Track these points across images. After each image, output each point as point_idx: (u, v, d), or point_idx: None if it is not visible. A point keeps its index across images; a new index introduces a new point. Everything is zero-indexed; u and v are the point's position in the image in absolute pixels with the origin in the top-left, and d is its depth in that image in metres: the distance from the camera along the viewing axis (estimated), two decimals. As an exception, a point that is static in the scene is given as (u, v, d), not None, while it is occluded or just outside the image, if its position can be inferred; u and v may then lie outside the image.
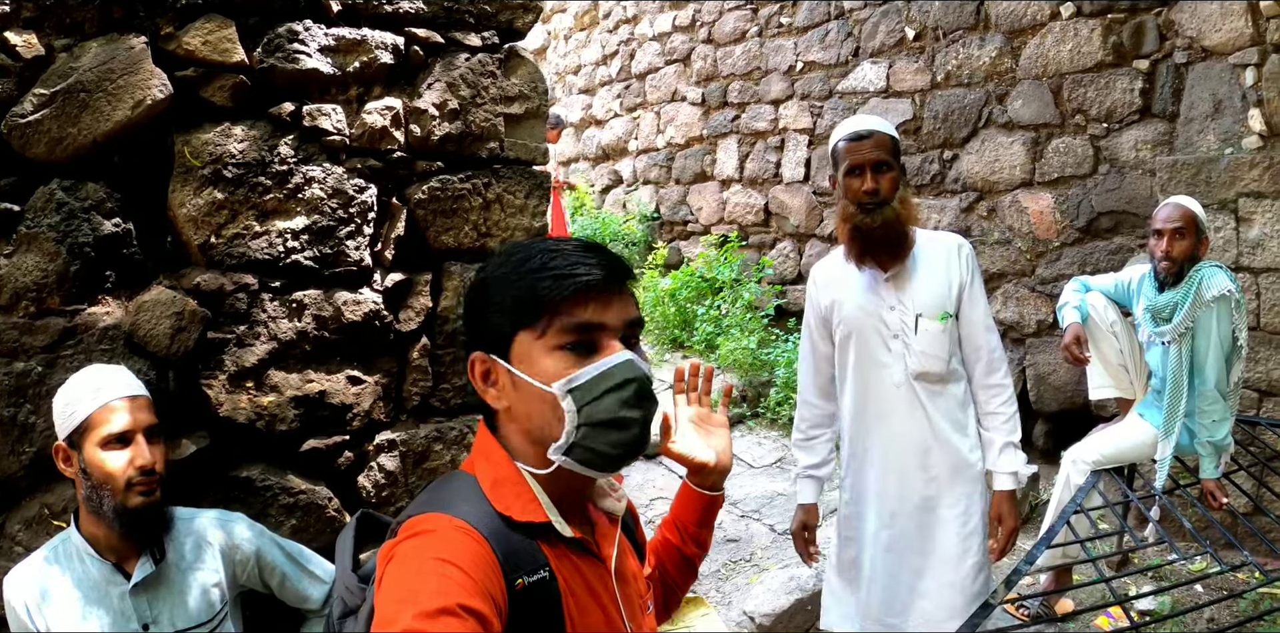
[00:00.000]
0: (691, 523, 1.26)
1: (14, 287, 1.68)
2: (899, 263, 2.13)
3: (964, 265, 2.15)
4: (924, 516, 2.18)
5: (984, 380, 2.18)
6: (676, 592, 1.30)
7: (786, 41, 6.03)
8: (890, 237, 2.08)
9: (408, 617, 0.78)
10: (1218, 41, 3.69)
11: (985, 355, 2.16)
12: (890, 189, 2.04)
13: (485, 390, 1.00)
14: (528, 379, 0.95)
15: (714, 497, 1.25)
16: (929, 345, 2.11)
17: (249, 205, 1.86)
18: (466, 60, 2.13)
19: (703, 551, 1.28)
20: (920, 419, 2.15)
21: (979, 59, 4.70)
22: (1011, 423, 2.16)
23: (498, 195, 2.20)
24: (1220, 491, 2.98)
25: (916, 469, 2.17)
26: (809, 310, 2.32)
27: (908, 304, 2.13)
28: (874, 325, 2.16)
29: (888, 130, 2.09)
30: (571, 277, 0.94)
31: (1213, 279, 2.83)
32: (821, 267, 2.33)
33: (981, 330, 2.16)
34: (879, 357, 2.17)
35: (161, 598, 1.56)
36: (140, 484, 1.50)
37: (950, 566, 2.16)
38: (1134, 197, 4.10)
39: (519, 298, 0.95)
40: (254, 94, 1.87)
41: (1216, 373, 2.89)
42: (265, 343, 1.90)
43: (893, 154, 2.07)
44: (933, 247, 2.16)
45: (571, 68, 8.84)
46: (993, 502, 2.20)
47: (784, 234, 6.26)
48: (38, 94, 1.67)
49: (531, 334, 0.95)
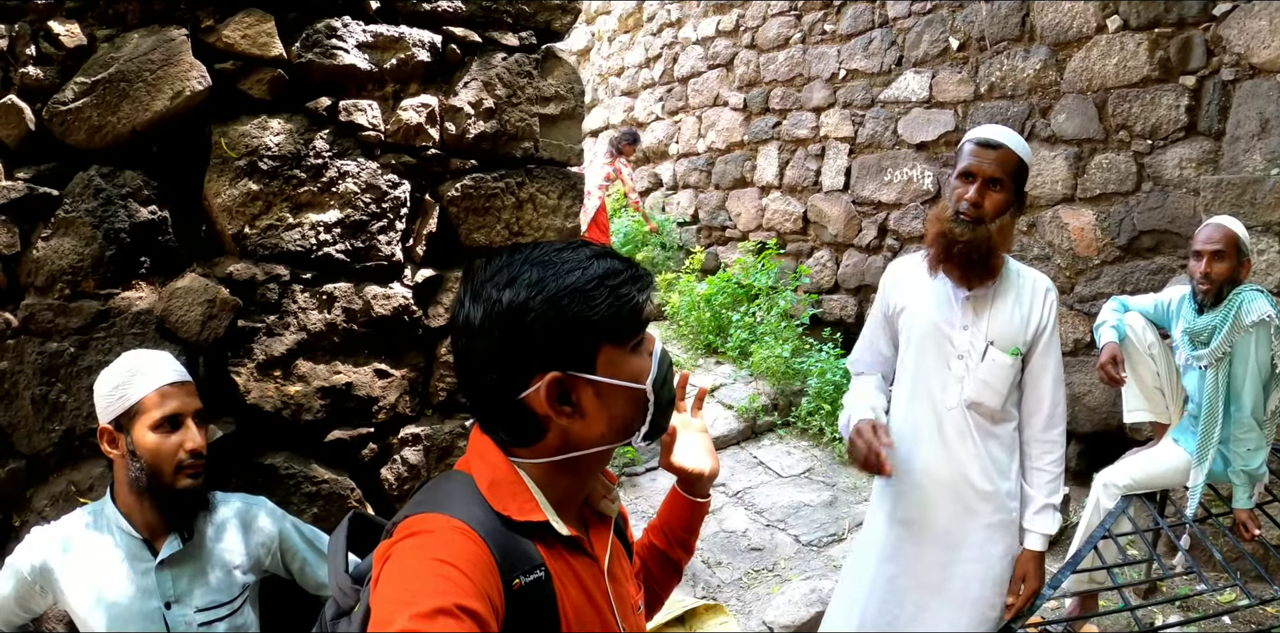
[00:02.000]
0: (680, 529, 1.28)
1: (50, 269, 1.72)
2: (984, 285, 2.03)
3: (1046, 309, 2.05)
4: (946, 552, 2.09)
5: (1040, 434, 2.08)
6: (660, 594, 1.31)
7: (829, 49, 5.99)
8: (973, 256, 1.97)
9: (404, 617, 0.78)
10: (1266, 58, 3.60)
11: (1048, 408, 2.06)
12: (994, 210, 1.95)
13: (559, 411, 0.95)
14: (624, 385, 0.98)
15: (703, 503, 1.28)
16: (991, 376, 2.02)
17: (283, 197, 1.89)
18: (503, 60, 2.15)
19: (689, 554, 1.31)
20: (969, 448, 2.06)
21: (1023, 71, 4.63)
22: (1056, 484, 2.06)
23: (531, 195, 2.21)
24: (1253, 521, 2.91)
25: (953, 499, 2.07)
26: (877, 306, 2.25)
27: (982, 329, 2.04)
28: (940, 341, 2.08)
29: (1020, 151, 1.98)
30: (641, 289, 0.98)
31: (1253, 303, 2.77)
32: (899, 266, 2.24)
33: (1049, 381, 2.05)
34: (939, 373, 2.08)
35: (186, 576, 1.59)
36: (190, 467, 1.54)
37: (960, 610, 2.07)
38: (1177, 216, 4.02)
39: (617, 313, 0.94)
40: (291, 88, 1.90)
41: (1253, 400, 2.82)
42: (294, 333, 1.93)
43: (1012, 176, 1.97)
44: (1020, 281, 2.07)
45: (615, 70, 8.87)
46: (1019, 559, 2.09)
47: (821, 243, 6.21)
48: (79, 82, 1.71)
49: (622, 348, 0.97)
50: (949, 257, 2.00)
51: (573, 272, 0.94)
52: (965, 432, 2.05)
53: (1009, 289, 2.06)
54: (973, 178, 1.96)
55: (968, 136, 2.04)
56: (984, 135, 1.99)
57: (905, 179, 5.45)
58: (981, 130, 2.03)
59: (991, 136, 1.98)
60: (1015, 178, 1.98)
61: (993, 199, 1.95)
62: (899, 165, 5.49)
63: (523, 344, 0.93)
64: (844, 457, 4.84)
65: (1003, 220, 1.96)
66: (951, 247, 1.98)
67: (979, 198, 1.95)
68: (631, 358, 0.98)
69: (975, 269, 2.00)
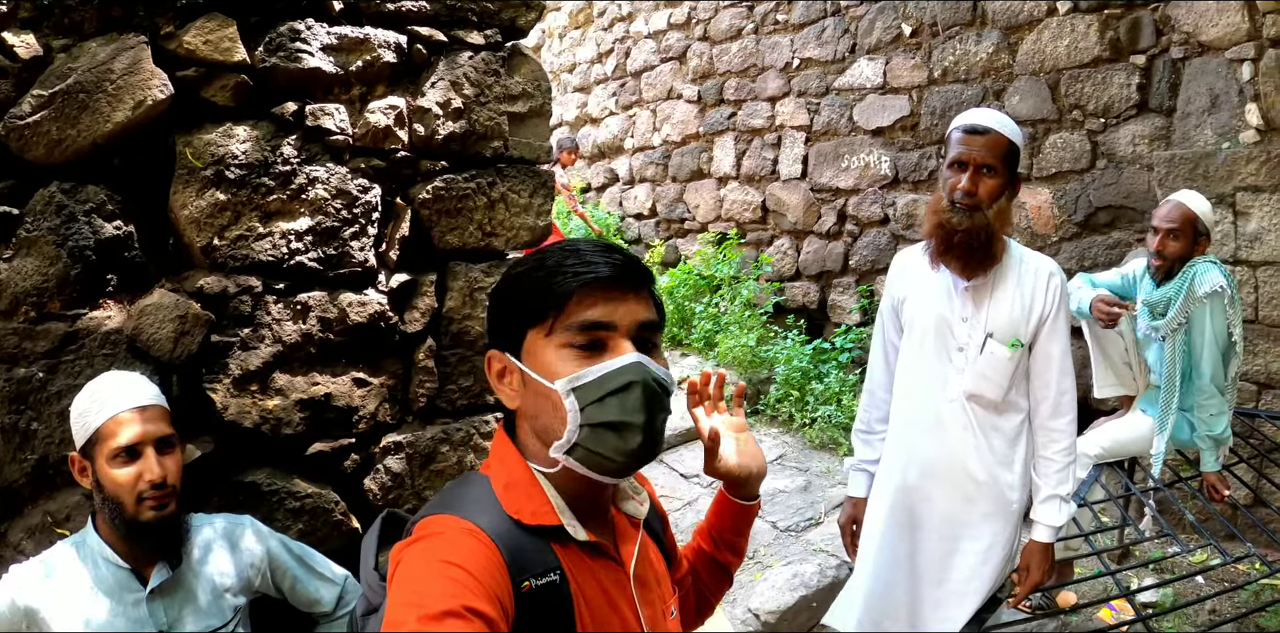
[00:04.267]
0: (728, 531, 1.24)
1: (14, 291, 1.65)
2: (982, 274, 1.99)
3: (1050, 296, 1.99)
4: (944, 543, 2.08)
5: (1047, 422, 2.03)
6: (711, 599, 1.28)
7: (783, 38, 6.02)
8: (973, 244, 1.94)
9: (413, 620, 0.78)
10: (1214, 36, 3.70)
11: (1054, 396, 2.01)
12: (989, 196, 1.92)
13: (499, 389, 1.01)
14: (534, 377, 0.95)
15: (751, 506, 1.23)
16: (988, 369, 1.99)
17: (252, 206, 1.84)
18: (470, 59, 2.11)
19: (739, 558, 1.26)
20: (969, 440, 2.04)
21: (976, 55, 4.70)
22: (1064, 474, 2.02)
23: (502, 194, 2.18)
24: (1222, 483, 2.99)
25: (951, 489, 2.07)
26: (885, 298, 2.21)
27: (980, 320, 2.01)
28: (943, 333, 2.05)
29: (1009, 134, 1.95)
30: (579, 274, 0.93)
31: (1206, 275, 2.83)
32: (904, 256, 2.19)
33: (1055, 368, 2.01)
34: (940, 365, 2.05)
35: (177, 604, 1.55)
36: (151, 499, 1.47)
37: (960, 601, 2.07)
38: (1132, 191, 4.11)
39: (529, 295, 0.96)
40: (256, 94, 1.84)
41: (1212, 368, 2.89)
42: (270, 346, 1.88)
43: (1003, 160, 1.93)
44: (1023, 268, 2.02)
45: (566, 66, 8.81)
46: (1024, 550, 2.07)
47: (781, 231, 6.25)
48: (36, 95, 1.64)
49: (540, 332, 0.95)
50: (949, 247, 1.97)
51: (537, 255, 0.99)
52: (966, 424, 2.03)
53: (1009, 276, 2.01)
54: (964, 166, 1.93)
55: (955, 124, 2.01)
56: (971, 121, 1.96)
57: (862, 165, 5.51)
58: (968, 116, 2.00)
59: (978, 122, 1.95)
60: (1007, 161, 1.94)
61: (986, 185, 1.92)
62: (856, 152, 5.54)
63: (487, 321, 1.05)
64: (814, 442, 4.90)
65: (999, 205, 1.94)
66: (951, 237, 1.94)
67: (972, 186, 1.92)
68: (554, 353, 0.94)
69: (977, 257, 1.96)
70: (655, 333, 1.00)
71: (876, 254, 5.51)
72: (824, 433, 4.90)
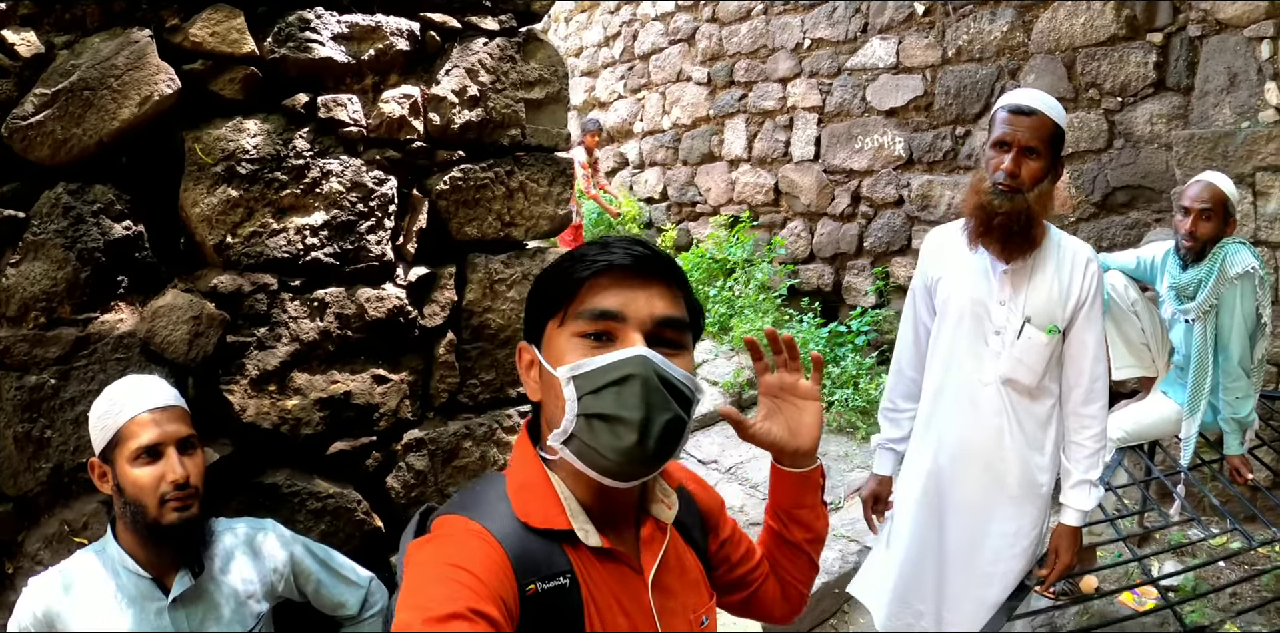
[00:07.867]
0: (788, 504, 1.16)
1: (22, 297, 1.60)
2: (1021, 258, 1.97)
3: (1088, 283, 1.97)
4: (974, 526, 2.08)
5: (1079, 408, 2.02)
6: (794, 584, 1.21)
7: (793, 19, 5.92)
8: (1013, 227, 1.90)
9: (418, 622, 0.79)
10: (1233, 14, 3.61)
11: (1087, 382, 2.00)
12: (1031, 179, 1.88)
13: (526, 381, 1.01)
14: (545, 365, 0.94)
15: (804, 474, 1.13)
16: (1025, 354, 1.97)
17: (265, 202, 1.79)
18: (484, 45, 2.05)
19: (810, 533, 1.18)
20: (1002, 424, 2.03)
21: (990, 34, 4.61)
22: (1094, 460, 2.02)
23: (521, 184, 2.13)
24: (1245, 466, 2.98)
25: (983, 472, 2.06)
26: (917, 277, 2.18)
27: (1019, 304, 1.98)
28: (979, 316, 2.02)
29: (1055, 116, 1.90)
30: (594, 262, 0.92)
31: (1236, 256, 2.79)
32: (939, 234, 2.15)
33: (1090, 355, 1.99)
34: (976, 348, 2.03)
35: (200, 612, 1.52)
36: (174, 500, 1.44)
37: (988, 583, 2.07)
38: (1149, 171, 4.04)
39: (548, 284, 0.96)
40: (266, 86, 1.79)
41: (1241, 350, 2.86)
42: (287, 344, 1.84)
43: (1047, 142, 1.89)
44: (1062, 253, 1.99)
45: (573, 50, 8.70)
46: (1053, 533, 2.07)
47: (795, 214, 6.18)
48: (39, 94, 1.58)
49: (556, 320, 0.95)
50: (989, 229, 1.94)
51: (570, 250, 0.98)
52: (1000, 408, 2.02)
53: (1048, 261, 1.98)
54: (1008, 147, 1.89)
55: (1000, 103, 1.96)
56: (1017, 101, 1.91)
57: (876, 146, 5.43)
58: (1014, 96, 1.95)
59: (1025, 102, 1.90)
60: (1051, 144, 1.90)
61: (1029, 168, 1.88)
62: (869, 132, 5.46)
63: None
64: (831, 426, 4.86)
65: (1041, 188, 1.90)
66: (991, 219, 1.91)
67: (1015, 167, 1.88)
68: (565, 342, 0.92)
69: (1015, 240, 1.94)
70: (681, 332, 0.95)
71: (891, 236, 5.44)
72: (841, 417, 4.86)
